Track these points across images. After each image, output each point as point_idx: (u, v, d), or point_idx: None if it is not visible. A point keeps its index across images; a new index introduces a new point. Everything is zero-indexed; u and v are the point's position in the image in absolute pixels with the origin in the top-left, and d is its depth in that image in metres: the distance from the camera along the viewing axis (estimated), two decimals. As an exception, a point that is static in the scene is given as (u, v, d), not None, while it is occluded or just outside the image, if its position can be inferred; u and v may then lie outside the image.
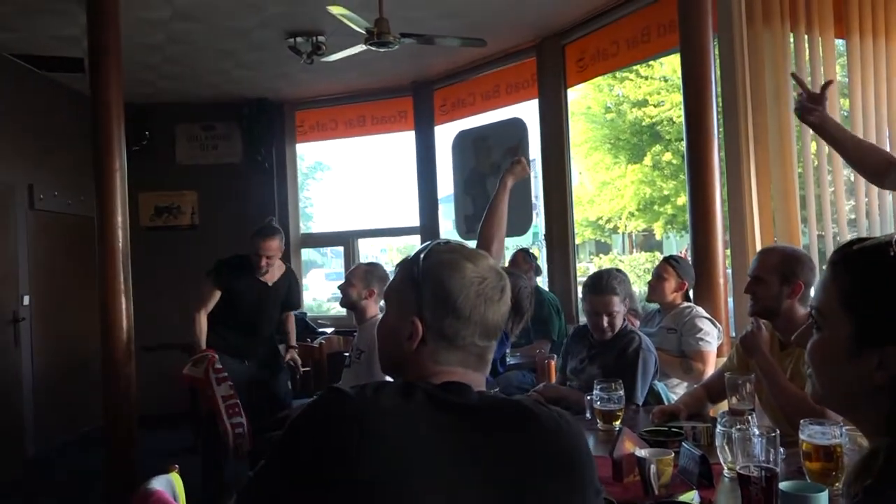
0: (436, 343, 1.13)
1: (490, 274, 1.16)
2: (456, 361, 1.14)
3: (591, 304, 2.88)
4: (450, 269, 1.14)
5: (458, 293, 1.13)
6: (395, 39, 4.17)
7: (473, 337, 1.13)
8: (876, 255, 0.96)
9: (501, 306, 1.16)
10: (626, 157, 17.08)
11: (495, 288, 1.16)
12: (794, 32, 4.09)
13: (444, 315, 1.13)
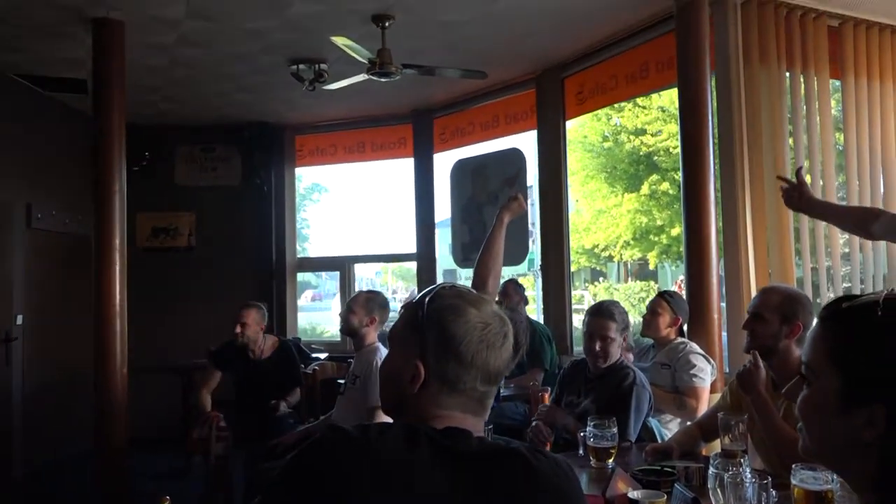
0: (438, 387, 1.15)
1: (493, 320, 1.18)
2: (457, 406, 1.15)
3: (588, 326, 2.91)
4: (454, 314, 1.16)
5: (462, 338, 1.15)
6: (397, 70, 4.23)
7: (475, 382, 1.15)
8: (864, 314, 0.98)
9: (503, 352, 1.18)
10: (622, 186, 17.19)
11: (498, 334, 1.18)
12: (790, 72, 4.16)
13: (447, 359, 1.14)
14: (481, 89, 5.73)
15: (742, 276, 3.94)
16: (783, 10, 4.09)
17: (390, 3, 4.07)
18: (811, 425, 1.03)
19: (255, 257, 6.86)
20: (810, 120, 4.25)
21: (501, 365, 1.18)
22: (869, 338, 0.96)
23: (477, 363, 1.15)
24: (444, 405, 1.15)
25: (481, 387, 1.16)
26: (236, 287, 6.50)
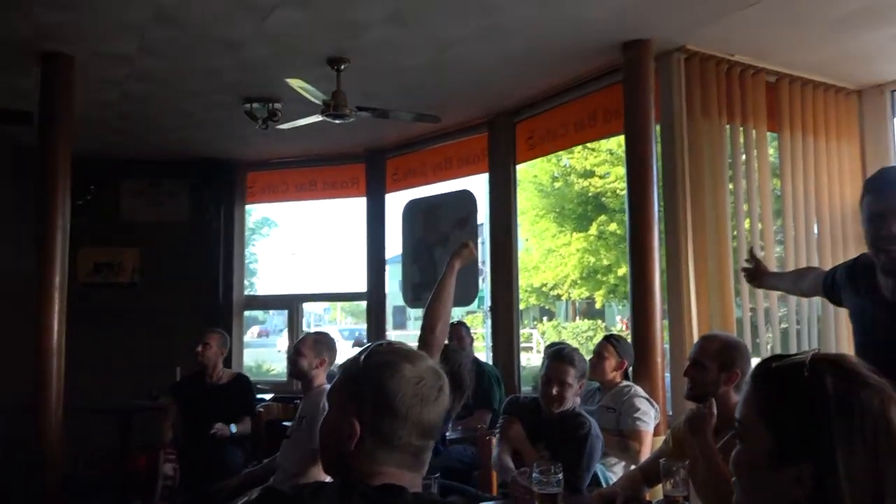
0: (374, 443, 1.16)
1: (428, 374, 1.21)
2: (393, 462, 1.16)
3: (548, 370, 2.93)
4: (389, 370, 1.18)
5: (396, 393, 1.16)
6: (351, 112, 4.27)
7: (410, 437, 1.16)
8: (792, 374, 1.03)
9: (438, 406, 1.20)
10: (571, 226, 17.50)
11: (432, 388, 1.20)
12: (730, 124, 4.35)
13: (382, 415, 1.16)
14: (434, 132, 5.80)
15: (685, 318, 4.05)
16: (724, 66, 4.30)
17: (345, 48, 4.12)
18: (744, 480, 1.07)
19: (201, 294, 6.72)
20: (749, 169, 4.44)
21: (436, 418, 1.20)
22: (796, 398, 1.01)
23: (412, 417, 1.16)
24: (380, 461, 1.16)
25: (417, 441, 1.17)
26: (181, 325, 6.35)
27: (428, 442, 1.20)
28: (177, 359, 5.36)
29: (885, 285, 1.90)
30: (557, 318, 21.34)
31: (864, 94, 4.86)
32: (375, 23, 3.78)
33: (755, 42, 4.12)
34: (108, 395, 5.67)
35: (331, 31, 3.89)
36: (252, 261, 26.53)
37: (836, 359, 1.05)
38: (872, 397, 0.98)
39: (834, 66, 4.49)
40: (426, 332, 2.39)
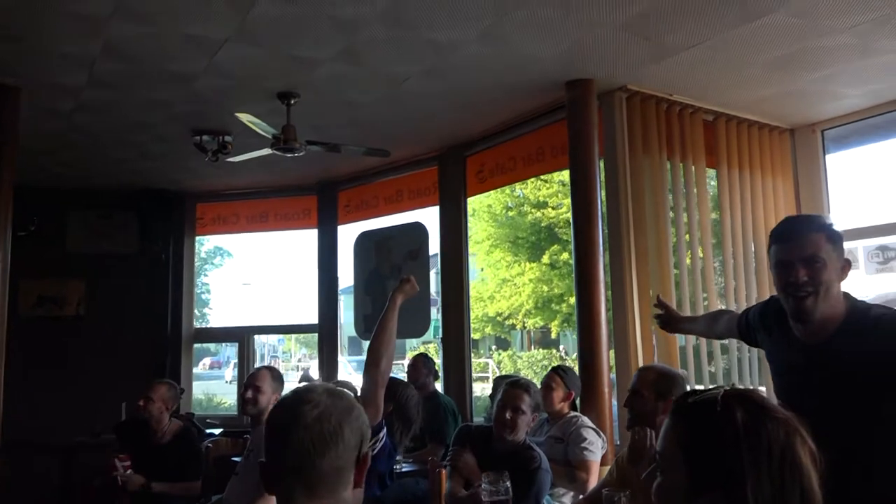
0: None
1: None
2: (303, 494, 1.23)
3: (504, 395, 2.99)
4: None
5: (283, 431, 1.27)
6: (301, 146, 4.30)
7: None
8: (705, 409, 1.09)
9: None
10: (524, 256, 17.70)
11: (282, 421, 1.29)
12: (670, 160, 4.51)
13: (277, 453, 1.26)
14: (386, 164, 5.87)
15: (630, 348, 4.15)
16: (664, 105, 4.47)
17: (296, 83, 4.16)
18: None
19: (149, 328, 6.59)
20: (689, 204, 4.60)
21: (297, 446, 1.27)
22: (709, 431, 1.07)
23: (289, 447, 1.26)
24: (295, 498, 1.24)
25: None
26: (127, 359, 6.22)
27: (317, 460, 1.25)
28: (123, 394, 5.25)
29: (795, 328, 1.99)
30: (513, 348, 21.43)
31: (797, 133, 5.10)
32: (326, 59, 3.84)
33: (693, 83, 4.30)
34: (50, 432, 5.51)
35: (281, 67, 3.93)
36: (204, 291, 26.12)
37: (746, 394, 1.12)
38: (778, 429, 1.05)
39: (768, 106, 4.71)
40: (370, 367, 2.41)
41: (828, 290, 1.88)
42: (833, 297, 1.90)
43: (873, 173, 5.48)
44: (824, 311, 1.89)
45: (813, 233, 1.91)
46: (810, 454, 1.06)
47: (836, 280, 1.89)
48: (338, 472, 1.24)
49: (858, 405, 1.85)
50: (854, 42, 3.72)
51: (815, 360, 1.93)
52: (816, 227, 1.95)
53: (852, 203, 5.17)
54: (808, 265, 1.88)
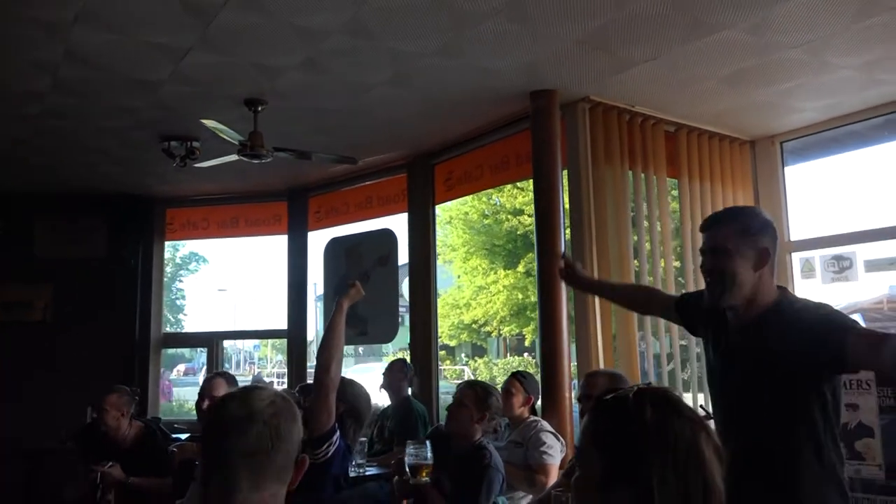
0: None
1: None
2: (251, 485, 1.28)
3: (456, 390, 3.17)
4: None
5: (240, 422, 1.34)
6: (268, 153, 4.33)
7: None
8: (618, 406, 1.15)
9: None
10: (501, 263, 17.79)
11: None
12: (632, 170, 4.60)
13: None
14: (355, 171, 5.91)
15: (591, 354, 4.22)
16: (626, 116, 4.56)
17: (262, 90, 4.20)
18: (580, 502, 1.19)
19: (117, 333, 6.56)
20: (651, 212, 4.69)
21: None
22: (621, 427, 1.13)
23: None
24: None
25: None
26: (95, 364, 6.17)
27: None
28: (90, 400, 5.21)
29: (728, 315, 2.07)
30: (489, 355, 21.49)
31: (757, 145, 5.22)
32: (291, 67, 3.88)
33: (654, 94, 4.40)
34: (17, 439, 5.46)
35: (246, 75, 3.96)
36: (179, 297, 25.91)
37: (657, 392, 1.17)
38: (685, 427, 1.11)
39: (728, 118, 4.82)
40: (321, 372, 2.45)
41: (734, 278, 1.96)
42: (748, 285, 1.98)
43: (831, 185, 5.62)
44: (739, 298, 1.99)
45: (722, 225, 2.02)
46: (714, 450, 1.12)
47: (746, 269, 1.97)
48: (285, 468, 1.32)
49: (773, 392, 1.93)
50: (807, 58, 3.84)
51: (739, 345, 2.02)
52: (728, 219, 2.06)
53: (810, 214, 5.29)
54: (714, 255, 2.00)
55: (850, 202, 6.08)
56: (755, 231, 2.00)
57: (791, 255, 5.06)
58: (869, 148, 5.29)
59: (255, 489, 1.27)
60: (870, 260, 4.71)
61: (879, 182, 5.83)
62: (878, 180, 5.73)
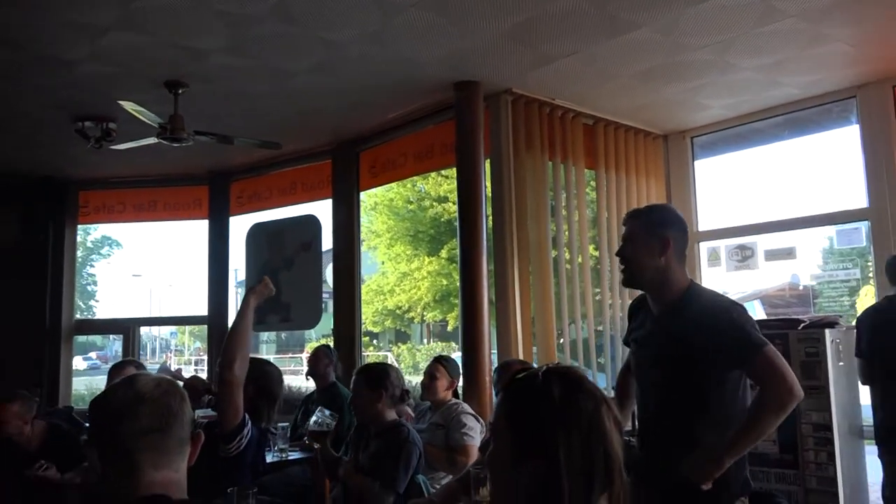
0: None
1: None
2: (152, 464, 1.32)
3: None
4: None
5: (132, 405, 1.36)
6: (189, 136, 4.26)
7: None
8: (528, 383, 1.24)
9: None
10: (424, 250, 17.88)
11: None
12: (552, 161, 4.76)
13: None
14: (279, 157, 5.86)
15: (511, 340, 4.37)
16: (546, 108, 4.71)
17: (184, 72, 4.12)
18: (494, 477, 1.26)
19: (26, 320, 6.29)
20: (569, 202, 4.87)
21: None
22: (530, 403, 1.22)
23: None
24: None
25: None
26: (3, 352, 5.92)
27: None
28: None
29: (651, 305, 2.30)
30: (412, 341, 21.59)
31: (670, 139, 5.48)
32: (214, 51, 3.83)
33: (573, 89, 4.56)
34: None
35: (168, 56, 3.89)
36: (90, 282, 24.89)
37: (564, 370, 1.27)
38: (588, 401, 1.20)
39: (642, 113, 5.04)
40: (224, 369, 2.42)
41: (638, 262, 2.22)
42: (650, 270, 2.20)
43: (736, 179, 5.96)
44: (645, 280, 2.23)
45: (634, 218, 2.31)
46: (614, 421, 1.22)
47: (649, 256, 2.19)
48: (181, 444, 1.35)
49: (675, 373, 2.13)
50: (713, 58, 4.07)
51: (657, 331, 2.22)
52: (640, 213, 2.33)
53: (717, 206, 5.59)
54: (625, 243, 2.28)
55: (753, 195, 6.46)
56: (659, 223, 2.24)
57: (699, 244, 5.36)
58: (770, 145, 5.62)
59: (155, 468, 1.31)
60: (769, 249, 5.03)
61: (779, 177, 6.20)
62: (778, 176, 6.11)
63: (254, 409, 2.81)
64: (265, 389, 2.83)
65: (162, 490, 1.28)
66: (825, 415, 3.98)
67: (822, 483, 3.98)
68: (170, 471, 1.32)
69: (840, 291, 7.62)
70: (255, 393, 2.81)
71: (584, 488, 1.14)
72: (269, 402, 2.84)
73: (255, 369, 2.89)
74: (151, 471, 1.30)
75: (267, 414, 2.84)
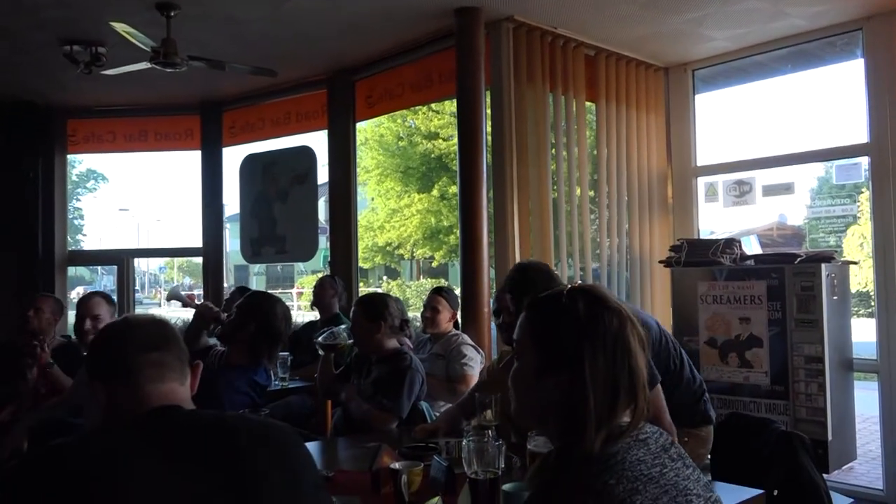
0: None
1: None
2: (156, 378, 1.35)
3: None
4: None
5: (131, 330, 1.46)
6: (182, 61, 4.15)
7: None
8: (553, 302, 1.25)
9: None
10: (415, 187, 17.80)
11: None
12: (552, 93, 4.68)
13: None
14: (273, 86, 5.73)
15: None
16: (548, 38, 4.60)
17: (176, -7, 3.98)
18: (518, 393, 1.29)
19: (17, 250, 6.24)
20: (569, 138, 4.81)
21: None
22: (555, 320, 1.23)
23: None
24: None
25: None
26: (-5, 282, 5.90)
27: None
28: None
29: None
30: (402, 277, 21.73)
31: (671, 72, 5.40)
32: (208, -30, 3.69)
33: (575, 17, 4.45)
34: None
35: (160, -25, 3.74)
36: (76, 217, 24.68)
37: (588, 288, 1.28)
38: (613, 317, 1.22)
39: (644, 44, 4.95)
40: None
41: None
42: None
43: (736, 114, 5.90)
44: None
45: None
46: (639, 338, 1.24)
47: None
48: (181, 364, 1.39)
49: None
50: (719, -14, 3.96)
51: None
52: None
53: (716, 140, 5.55)
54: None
55: (753, 131, 6.40)
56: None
57: (696, 179, 5.34)
58: (772, 79, 5.55)
59: (162, 381, 1.34)
60: (767, 185, 5.02)
61: (780, 112, 6.15)
62: (778, 111, 6.04)
63: (253, 348, 2.81)
64: (268, 327, 2.83)
65: (170, 402, 1.31)
66: (817, 347, 4.06)
67: (812, 413, 4.09)
68: (175, 384, 1.35)
69: (830, 229, 7.69)
70: (255, 331, 2.81)
71: (608, 402, 1.18)
72: (270, 341, 2.83)
73: (256, 307, 2.88)
74: (158, 384, 1.33)
75: (268, 352, 2.83)
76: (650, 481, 1.12)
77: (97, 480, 1.10)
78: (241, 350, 2.86)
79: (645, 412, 1.21)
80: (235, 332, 2.87)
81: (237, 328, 2.86)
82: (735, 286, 4.34)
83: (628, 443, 1.17)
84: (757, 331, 4.26)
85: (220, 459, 1.19)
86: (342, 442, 2.89)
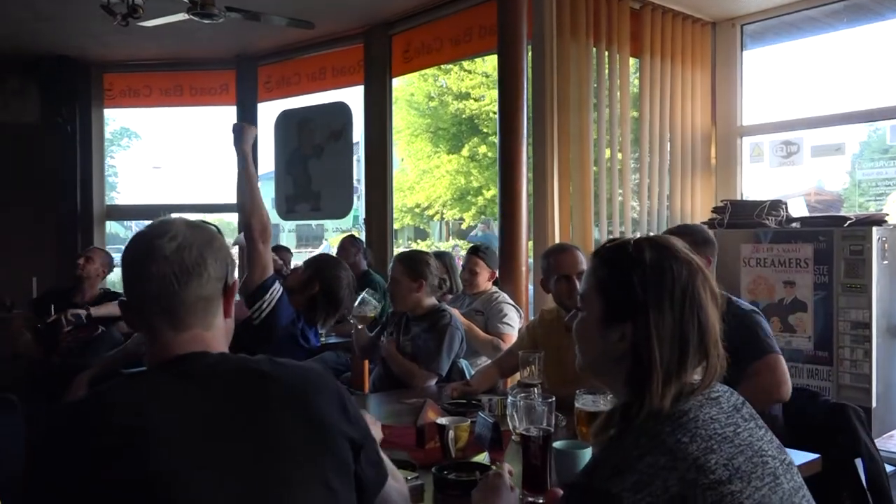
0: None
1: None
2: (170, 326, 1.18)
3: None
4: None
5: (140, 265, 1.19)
6: (220, 12, 4.09)
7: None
8: (619, 252, 1.20)
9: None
10: (445, 147, 17.65)
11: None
12: (596, 48, 4.54)
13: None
14: (309, 40, 5.65)
15: (548, 235, 4.30)
16: (593, -11, 4.45)
17: (214, -59, 3.90)
18: (582, 344, 1.24)
19: (55, 204, 6.30)
20: (612, 98, 4.67)
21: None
22: (621, 270, 1.18)
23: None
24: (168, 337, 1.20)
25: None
26: (35, 235, 5.97)
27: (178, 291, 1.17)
28: (32, 270, 5.08)
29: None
30: (431, 238, 21.72)
31: (718, 27, 5.20)
32: (247, -84, 3.60)
33: (623, -33, 4.29)
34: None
35: (198, -78, 3.67)
36: (111, 174, 24.94)
37: (655, 238, 1.23)
38: (682, 268, 1.16)
39: (692, -3, 4.77)
40: (246, 228, 2.47)
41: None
42: None
43: (785, 71, 5.68)
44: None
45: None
46: (711, 293, 1.18)
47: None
48: (205, 301, 1.19)
49: None
50: (779, -66, 3.77)
51: None
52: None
53: (763, 99, 5.37)
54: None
55: (802, 89, 6.18)
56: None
57: (741, 139, 5.18)
58: (825, 35, 5.32)
59: (183, 328, 1.19)
60: (816, 146, 4.85)
61: (831, 70, 5.91)
62: (829, 68, 5.81)
63: (310, 307, 2.76)
64: (330, 293, 2.76)
65: (196, 348, 1.16)
66: (865, 312, 3.95)
67: (856, 380, 3.99)
68: (199, 329, 1.18)
69: (873, 193, 7.43)
70: (319, 290, 2.76)
71: (677, 357, 1.13)
72: (330, 307, 2.76)
73: (326, 268, 2.83)
74: (178, 332, 1.17)
75: (324, 316, 2.78)
76: (724, 440, 1.08)
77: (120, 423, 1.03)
78: (301, 305, 2.82)
79: (717, 370, 1.16)
80: (301, 289, 2.80)
81: (304, 285, 2.79)
82: (780, 249, 4.22)
83: (700, 401, 1.12)
84: (802, 295, 4.15)
85: (245, 405, 1.10)
86: (383, 397, 2.87)
